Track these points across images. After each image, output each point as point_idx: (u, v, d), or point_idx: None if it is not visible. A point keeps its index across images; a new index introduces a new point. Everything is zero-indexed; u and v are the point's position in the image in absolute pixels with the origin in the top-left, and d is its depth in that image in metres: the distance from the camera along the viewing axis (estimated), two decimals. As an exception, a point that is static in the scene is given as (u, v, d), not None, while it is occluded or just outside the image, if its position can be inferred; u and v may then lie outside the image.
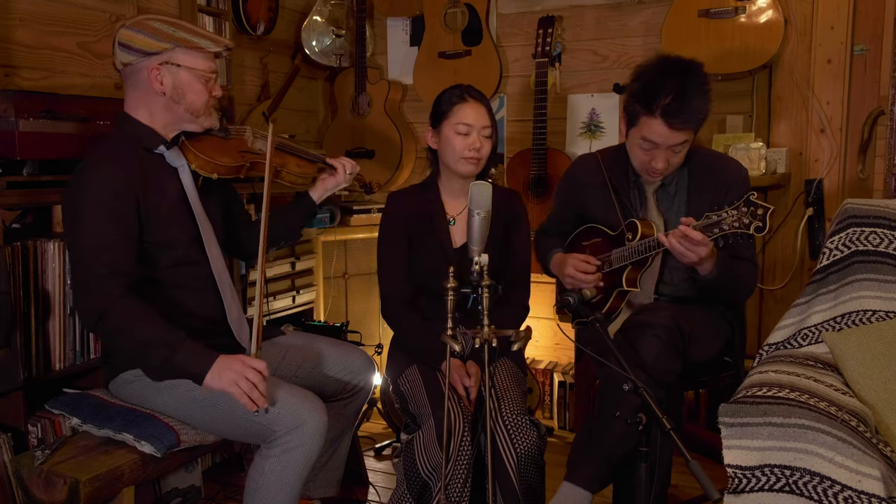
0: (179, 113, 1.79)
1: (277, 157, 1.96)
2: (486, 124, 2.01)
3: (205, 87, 1.79)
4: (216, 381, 1.60)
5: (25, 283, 1.83)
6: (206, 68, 1.78)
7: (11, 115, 1.82)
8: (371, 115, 3.31)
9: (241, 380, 1.59)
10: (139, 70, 1.74)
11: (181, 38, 1.74)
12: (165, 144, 1.80)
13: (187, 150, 1.82)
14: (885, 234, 1.82)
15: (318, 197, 2.11)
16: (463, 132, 1.99)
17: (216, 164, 1.83)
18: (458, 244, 2.07)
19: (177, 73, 1.75)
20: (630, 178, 2.06)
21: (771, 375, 1.58)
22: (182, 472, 2.29)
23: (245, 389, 1.58)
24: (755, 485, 1.35)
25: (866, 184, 2.61)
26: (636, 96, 1.87)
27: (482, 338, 1.49)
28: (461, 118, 1.99)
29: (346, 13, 3.33)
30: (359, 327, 2.94)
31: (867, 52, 2.57)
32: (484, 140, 2.01)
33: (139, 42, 1.72)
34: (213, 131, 1.90)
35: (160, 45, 1.72)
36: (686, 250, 1.76)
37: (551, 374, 3.06)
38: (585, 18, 3.04)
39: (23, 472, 1.66)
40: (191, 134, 1.85)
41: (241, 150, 1.91)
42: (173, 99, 1.76)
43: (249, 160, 1.90)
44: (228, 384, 1.59)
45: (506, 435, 1.79)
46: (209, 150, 1.84)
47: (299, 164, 2.03)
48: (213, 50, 1.79)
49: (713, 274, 1.85)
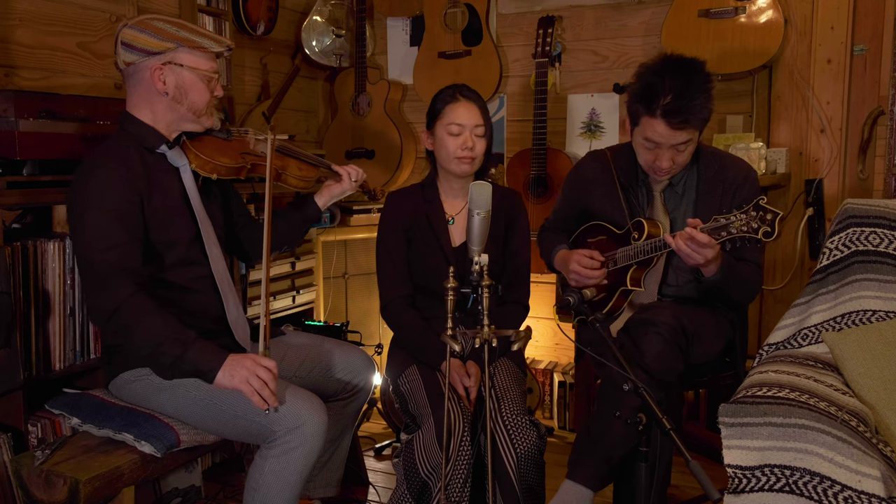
0: (181, 112, 1.79)
1: (278, 160, 1.96)
2: (479, 123, 2.00)
3: (207, 86, 1.80)
4: (227, 380, 1.61)
5: (25, 283, 1.83)
6: (208, 68, 1.79)
7: (11, 115, 1.83)
8: (371, 115, 3.31)
9: (252, 378, 1.60)
10: (142, 69, 1.74)
11: (184, 38, 1.74)
12: (167, 144, 1.80)
13: (188, 150, 1.82)
14: (885, 234, 1.82)
15: (324, 203, 2.09)
16: (455, 132, 1.99)
17: (216, 165, 1.83)
18: (457, 244, 2.08)
19: (179, 73, 1.75)
20: (639, 177, 2.05)
21: (771, 375, 1.58)
22: (182, 472, 2.29)
23: (256, 388, 1.59)
24: (755, 485, 1.35)
25: (866, 184, 2.61)
26: (637, 96, 1.87)
27: (482, 338, 1.49)
28: (452, 118, 1.99)
29: (346, 13, 3.33)
30: (359, 327, 2.94)
31: (867, 52, 2.57)
32: (477, 139, 2.01)
33: (142, 41, 1.72)
34: (214, 132, 1.90)
35: (163, 44, 1.72)
36: (692, 252, 1.75)
37: (551, 374, 3.06)
38: (585, 18, 3.04)
39: (23, 472, 1.66)
40: (192, 134, 1.85)
41: (242, 152, 1.91)
42: (176, 99, 1.76)
43: (250, 162, 1.91)
44: (240, 382, 1.60)
45: (506, 435, 1.79)
46: (209, 151, 1.84)
47: (300, 168, 2.03)
48: (215, 50, 1.79)
49: (717, 276, 1.84)
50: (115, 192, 1.67)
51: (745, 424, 1.41)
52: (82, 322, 1.97)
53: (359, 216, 3.05)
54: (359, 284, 3.17)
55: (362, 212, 3.06)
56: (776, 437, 1.36)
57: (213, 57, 1.81)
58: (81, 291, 1.96)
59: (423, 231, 2.08)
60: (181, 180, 1.82)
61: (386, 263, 2.09)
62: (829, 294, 1.84)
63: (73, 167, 1.97)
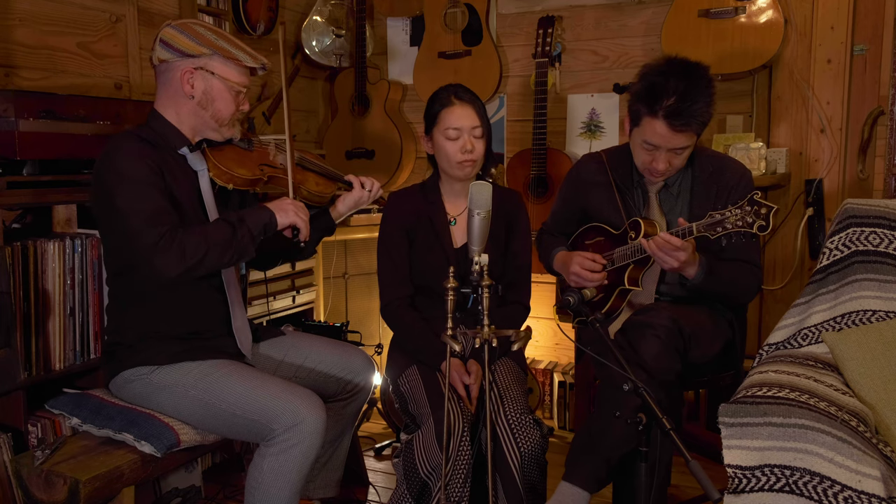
0: (205, 119, 1.80)
1: (298, 174, 1.96)
2: (476, 124, 1.99)
3: (234, 99, 1.81)
4: (284, 217, 1.79)
5: (25, 283, 1.83)
6: (238, 81, 1.80)
7: (11, 115, 1.83)
8: (371, 115, 3.31)
9: (300, 211, 1.82)
10: (173, 69, 1.75)
11: (220, 47, 1.76)
12: (189, 147, 1.80)
13: (207, 158, 1.83)
14: (885, 234, 1.82)
15: (338, 216, 2.07)
16: (453, 136, 1.98)
17: (232, 175, 1.84)
18: (459, 244, 2.07)
19: (209, 80, 1.76)
20: (634, 178, 2.06)
21: (771, 375, 1.58)
22: (182, 472, 2.29)
23: (305, 218, 1.82)
24: (755, 485, 1.35)
25: (866, 184, 2.61)
26: (639, 96, 1.87)
27: (482, 338, 1.49)
28: (449, 123, 1.99)
29: (346, 13, 3.33)
30: (359, 327, 2.94)
31: (867, 52, 2.57)
32: (475, 140, 1.99)
33: (180, 42, 1.73)
34: (234, 142, 1.90)
35: (199, 48, 1.74)
36: (665, 255, 1.78)
37: (551, 374, 3.06)
38: (585, 18, 3.04)
39: (23, 472, 1.66)
40: (212, 142, 1.86)
41: (260, 164, 1.91)
42: (201, 104, 1.78)
43: (268, 174, 1.91)
44: (294, 216, 1.80)
45: (509, 434, 1.79)
46: (227, 161, 1.85)
47: (318, 183, 2.02)
48: (249, 64, 1.80)
49: (699, 278, 1.87)
50: (145, 167, 1.68)
51: (745, 424, 1.41)
52: (82, 322, 1.97)
53: (359, 216, 3.04)
54: (359, 284, 3.17)
55: (362, 212, 3.04)
56: (776, 437, 1.36)
57: (246, 72, 1.82)
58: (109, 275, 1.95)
59: (425, 232, 2.08)
60: (198, 183, 1.82)
61: (386, 263, 2.09)
62: (829, 294, 1.84)
63: (73, 167, 1.98)
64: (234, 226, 1.71)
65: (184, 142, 1.80)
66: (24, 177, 1.87)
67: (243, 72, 1.81)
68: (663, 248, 1.78)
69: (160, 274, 1.62)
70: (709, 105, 1.84)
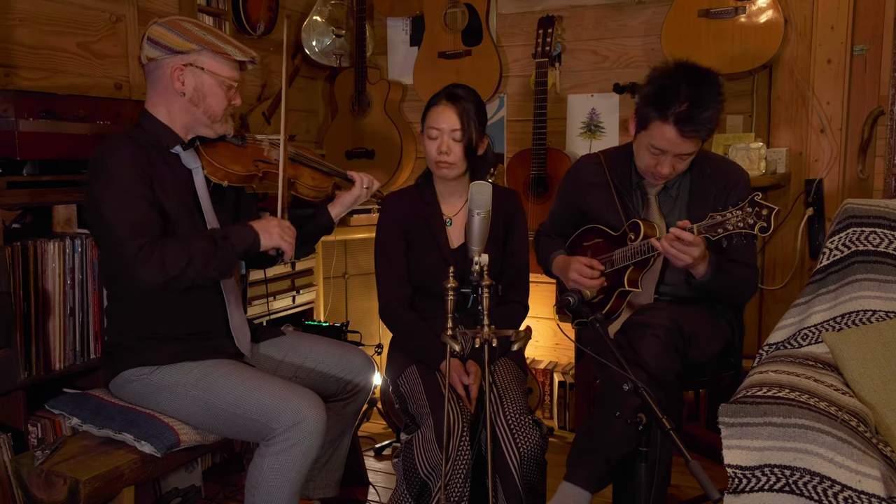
0: (197, 115, 1.79)
1: (292, 169, 1.96)
2: (455, 127, 1.96)
3: (225, 94, 1.80)
4: (268, 240, 1.78)
5: (25, 283, 1.83)
6: (229, 76, 1.80)
7: (11, 115, 1.83)
8: (371, 115, 3.31)
9: (286, 233, 1.80)
10: (162, 67, 1.74)
11: (209, 42, 1.75)
12: (182, 145, 1.80)
13: (201, 155, 1.83)
14: (885, 234, 1.82)
15: (337, 214, 2.07)
16: (433, 136, 1.99)
17: (227, 172, 1.83)
18: (456, 245, 2.07)
19: (200, 76, 1.76)
20: (633, 180, 2.06)
21: (771, 375, 1.58)
22: (182, 472, 2.29)
23: (290, 241, 1.81)
24: (755, 485, 1.35)
25: (866, 184, 2.61)
26: (650, 100, 1.86)
27: (482, 338, 1.49)
28: (431, 122, 1.99)
29: (346, 13, 3.33)
30: (359, 327, 2.94)
31: (867, 51, 2.57)
32: (453, 143, 1.97)
33: (168, 39, 1.73)
34: (228, 138, 1.90)
35: (188, 45, 1.73)
36: (679, 252, 1.77)
37: (551, 374, 3.06)
38: (585, 18, 3.04)
39: (23, 472, 1.66)
40: (206, 139, 1.86)
41: (255, 159, 1.91)
42: (192, 101, 1.77)
43: (262, 170, 1.90)
44: (279, 239, 1.79)
45: (509, 434, 1.79)
46: (221, 158, 1.84)
47: (314, 177, 2.01)
48: (238, 58, 1.80)
49: (707, 277, 1.86)
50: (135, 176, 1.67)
51: (745, 424, 1.41)
52: (82, 322, 1.97)
53: (359, 216, 3.05)
54: (359, 284, 3.17)
55: (362, 212, 3.05)
56: (776, 437, 1.36)
57: (235, 66, 1.81)
58: (99, 282, 1.96)
59: (422, 233, 2.08)
60: (192, 182, 1.82)
61: (384, 264, 2.09)
62: (829, 294, 1.84)
63: (73, 167, 1.97)
64: (217, 242, 1.71)
65: (176, 140, 1.79)
66: (24, 177, 1.87)
67: (233, 66, 1.80)
68: (676, 245, 1.76)
69: (140, 284, 1.62)
70: (718, 112, 1.84)
